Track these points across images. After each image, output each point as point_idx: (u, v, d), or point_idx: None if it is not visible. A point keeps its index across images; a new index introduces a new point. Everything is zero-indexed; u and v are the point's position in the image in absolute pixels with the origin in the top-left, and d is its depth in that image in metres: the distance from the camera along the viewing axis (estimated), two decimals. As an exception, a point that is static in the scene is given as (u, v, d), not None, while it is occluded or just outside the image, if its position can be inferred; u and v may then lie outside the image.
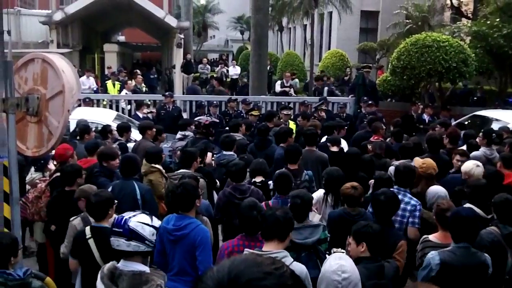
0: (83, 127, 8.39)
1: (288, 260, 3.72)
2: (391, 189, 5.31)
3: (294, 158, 6.64)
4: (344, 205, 5.23)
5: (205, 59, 26.21)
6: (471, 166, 6.24)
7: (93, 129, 8.80)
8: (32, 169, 6.92)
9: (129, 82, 16.60)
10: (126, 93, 15.66)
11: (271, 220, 3.81)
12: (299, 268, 3.76)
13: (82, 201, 5.03)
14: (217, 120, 11.02)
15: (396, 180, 5.64)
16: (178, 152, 8.23)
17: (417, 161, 6.58)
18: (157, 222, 3.48)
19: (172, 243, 4.35)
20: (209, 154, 7.65)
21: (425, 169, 6.18)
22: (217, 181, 7.02)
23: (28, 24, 22.22)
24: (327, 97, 15.05)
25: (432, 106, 13.27)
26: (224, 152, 7.59)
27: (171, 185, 5.42)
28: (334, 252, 3.80)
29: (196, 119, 9.40)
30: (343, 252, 3.82)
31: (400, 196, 5.15)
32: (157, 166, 6.57)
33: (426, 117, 12.54)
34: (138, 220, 3.36)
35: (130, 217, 3.37)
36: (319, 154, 7.62)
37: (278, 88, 18.54)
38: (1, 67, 4.55)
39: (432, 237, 4.66)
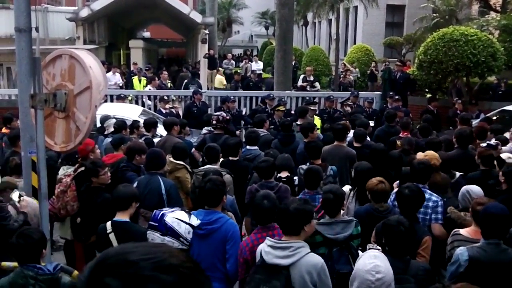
0: (120, 123, 8.48)
1: (304, 250, 3.71)
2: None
3: (315, 153, 6.64)
4: (370, 201, 5.17)
5: (229, 55, 26.24)
6: (504, 158, 6.12)
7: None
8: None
9: (156, 79, 16.69)
10: (149, 89, 15.73)
11: (283, 215, 3.85)
12: (314, 259, 3.74)
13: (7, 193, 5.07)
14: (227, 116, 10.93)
15: (413, 176, 5.53)
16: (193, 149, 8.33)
17: (420, 155, 6.47)
18: (195, 221, 3.44)
19: (200, 238, 4.35)
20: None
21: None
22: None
23: (55, 21, 22.60)
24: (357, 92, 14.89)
25: (461, 101, 13.06)
26: (249, 147, 7.61)
27: (197, 181, 5.47)
28: (369, 249, 3.74)
29: (215, 114, 9.42)
30: (378, 250, 3.75)
31: None
32: (183, 163, 6.60)
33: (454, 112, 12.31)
34: (175, 216, 3.33)
35: (167, 213, 3.35)
36: (348, 150, 7.55)
37: (300, 82, 18.50)
38: (29, 64, 4.62)
39: (463, 231, 4.55)
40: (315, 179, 5.52)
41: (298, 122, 9.49)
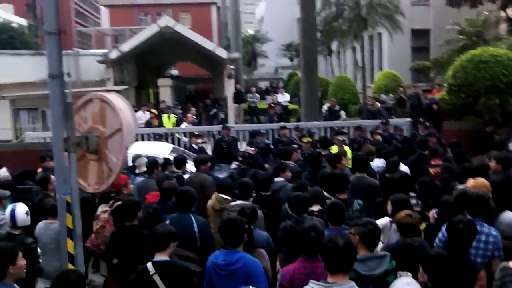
0: (153, 162, 8.61)
1: None
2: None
3: (341, 186, 6.49)
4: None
5: (253, 88, 26.32)
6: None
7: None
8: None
9: (189, 115, 16.95)
10: (185, 126, 15.97)
11: (334, 252, 3.67)
12: None
13: None
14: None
15: (469, 209, 5.23)
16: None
17: (469, 182, 6.32)
18: None
19: (223, 278, 4.37)
20: None
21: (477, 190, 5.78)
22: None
23: (86, 63, 23.27)
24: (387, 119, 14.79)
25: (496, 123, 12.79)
26: (276, 179, 7.55)
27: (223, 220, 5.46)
28: (400, 277, 3.67)
29: (241, 150, 9.49)
30: (409, 276, 3.68)
31: (477, 228, 4.62)
32: (228, 197, 6.61)
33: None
34: None
35: None
36: (370, 181, 7.46)
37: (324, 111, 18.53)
38: (62, 108, 4.77)
39: (513, 264, 4.31)
40: (339, 213, 5.36)
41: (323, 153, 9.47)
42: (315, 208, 6.06)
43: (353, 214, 6.14)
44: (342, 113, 18.91)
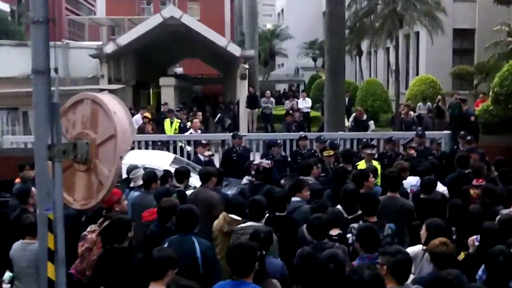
0: (150, 175, 8.52)
1: None
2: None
3: (371, 208, 6.44)
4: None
5: (268, 92, 25.94)
6: None
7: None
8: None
9: (195, 120, 16.70)
10: (191, 133, 15.81)
11: (358, 285, 3.71)
12: None
13: None
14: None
15: None
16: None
17: None
18: None
19: None
20: None
21: None
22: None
23: (77, 57, 23.32)
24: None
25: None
26: (294, 199, 7.45)
27: (237, 241, 5.38)
28: None
29: (255, 162, 9.37)
30: None
31: None
32: (238, 218, 6.55)
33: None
34: None
35: None
36: (403, 202, 7.37)
37: (348, 123, 18.36)
38: (47, 109, 4.69)
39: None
40: (373, 239, 5.35)
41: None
42: (334, 232, 6.09)
43: (384, 240, 6.08)
44: (371, 123, 18.75)
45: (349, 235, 6.26)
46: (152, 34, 23.37)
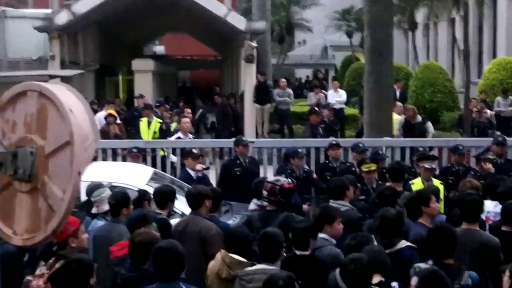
0: (120, 197, 8.51)
1: None
2: None
3: (447, 247, 6.40)
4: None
5: (283, 80, 25.41)
6: None
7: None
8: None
9: (183, 120, 16.57)
10: (179, 137, 15.73)
11: None
12: None
13: None
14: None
15: None
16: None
17: None
18: None
19: None
20: None
21: None
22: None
23: (17, 31, 23.39)
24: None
25: None
26: (320, 235, 7.40)
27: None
28: None
29: (268, 180, 9.29)
30: None
31: None
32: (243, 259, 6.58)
33: None
34: None
35: None
36: (485, 238, 7.36)
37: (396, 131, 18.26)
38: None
39: None
40: None
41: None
42: (375, 279, 6.04)
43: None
44: (429, 125, 18.67)
45: (394, 284, 6.28)
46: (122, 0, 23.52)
